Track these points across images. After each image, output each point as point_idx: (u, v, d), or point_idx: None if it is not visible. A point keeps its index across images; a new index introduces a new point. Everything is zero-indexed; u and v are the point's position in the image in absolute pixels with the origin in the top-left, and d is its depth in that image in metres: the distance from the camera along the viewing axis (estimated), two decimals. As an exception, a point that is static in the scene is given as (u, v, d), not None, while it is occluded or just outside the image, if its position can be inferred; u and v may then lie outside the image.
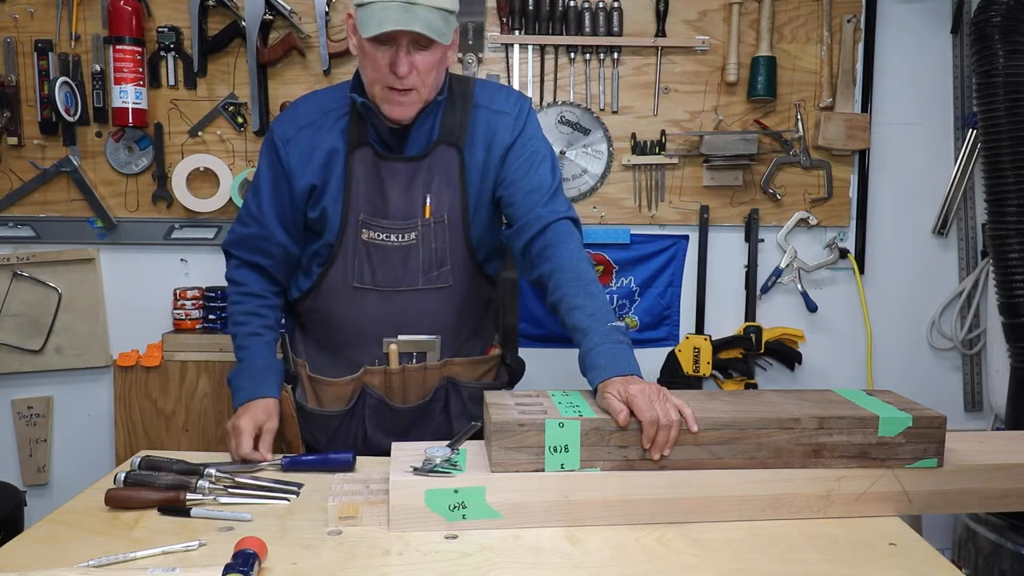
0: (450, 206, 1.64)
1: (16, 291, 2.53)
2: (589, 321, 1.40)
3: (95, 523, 1.25)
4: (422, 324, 1.67)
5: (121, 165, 2.51)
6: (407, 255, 1.64)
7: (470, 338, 1.76)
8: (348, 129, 1.62)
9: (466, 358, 1.73)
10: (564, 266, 1.50)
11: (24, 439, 2.60)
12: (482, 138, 1.63)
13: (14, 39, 2.43)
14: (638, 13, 2.51)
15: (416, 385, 1.69)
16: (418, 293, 1.65)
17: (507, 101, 1.67)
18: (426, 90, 1.54)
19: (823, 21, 2.54)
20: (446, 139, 1.62)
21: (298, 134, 1.64)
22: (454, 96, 1.64)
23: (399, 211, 1.62)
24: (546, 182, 1.61)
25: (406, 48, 1.48)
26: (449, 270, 1.66)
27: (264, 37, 2.43)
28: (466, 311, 1.72)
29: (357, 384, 1.68)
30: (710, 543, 1.21)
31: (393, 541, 1.20)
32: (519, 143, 1.64)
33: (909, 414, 1.31)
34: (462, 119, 1.63)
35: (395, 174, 1.62)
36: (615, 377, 1.32)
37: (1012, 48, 2.25)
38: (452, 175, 1.63)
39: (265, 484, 1.37)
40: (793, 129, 2.56)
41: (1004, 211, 2.29)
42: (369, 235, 1.63)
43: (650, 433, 1.24)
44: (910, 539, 1.24)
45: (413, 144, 1.62)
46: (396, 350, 1.66)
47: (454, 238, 1.65)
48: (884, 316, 2.69)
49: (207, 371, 2.45)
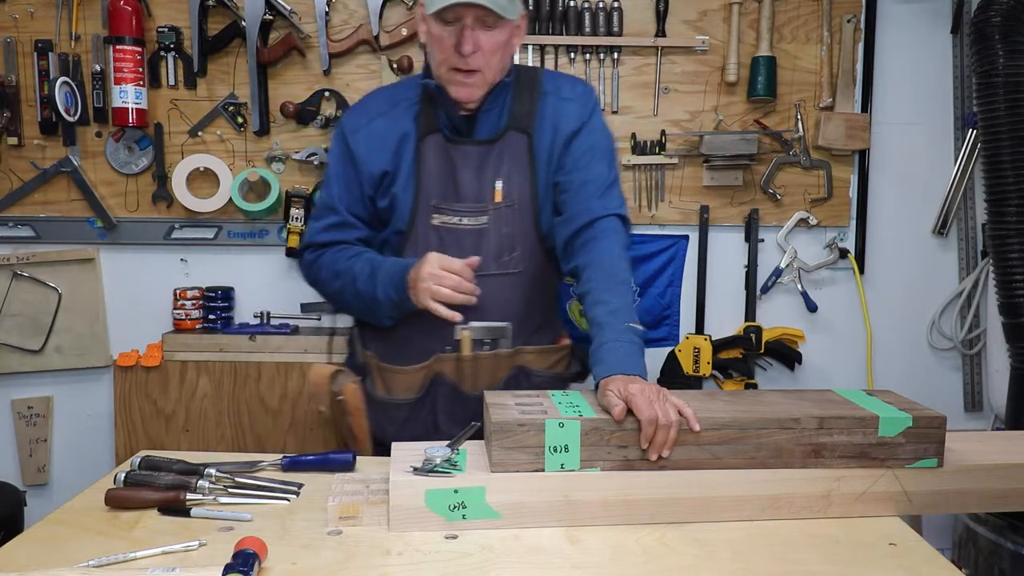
0: (520, 191, 1.64)
1: (16, 291, 2.53)
2: (608, 317, 1.41)
3: (95, 523, 1.25)
4: (493, 311, 1.64)
5: (121, 165, 2.51)
6: (479, 239, 1.64)
7: (540, 327, 1.74)
8: (419, 117, 1.65)
9: (538, 347, 1.71)
10: (600, 261, 1.51)
11: (24, 439, 2.60)
12: (550, 125, 1.65)
13: (14, 39, 2.43)
14: (638, 13, 2.51)
15: (487, 373, 1.67)
16: (489, 279, 1.62)
17: (574, 90, 1.69)
18: (491, 72, 1.56)
19: (823, 21, 2.54)
20: (515, 124, 1.64)
21: (368, 124, 1.66)
22: (522, 83, 1.66)
23: (470, 194, 1.63)
24: (602, 176, 1.62)
25: (471, 27, 1.50)
26: (519, 256, 1.66)
27: (264, 37, 2.43)
28: (535, 299, 1.71)
29: (428, 372, 1.66)
30: (710, 543, 1.21)
31: (393, 541, 1.20)
32: (584, 132, 1.65)
33: (909, 414, 1.31)
34: (531, 105, 1.65)
35: (466, 158, 1.64)
36: (618, 375, 1.32)
37: (1012, 48, 2.25)
38: (522, 160, 1.64)
39: (265, 484, 1.37)
40: (793, 129, 2.56)
41: (1004, 211, 2.29)
42: (441, 219, 1.63)
43: (648, 432, 1.24)
44: (910, 539, 1.24)
45: (482, 129, 1.64)
46: (468, 336, 1.64)
47: (524, 223, 1.65)
48: (884, 316, 2.69)
49: (207, 371, 2.45)
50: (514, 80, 1.66)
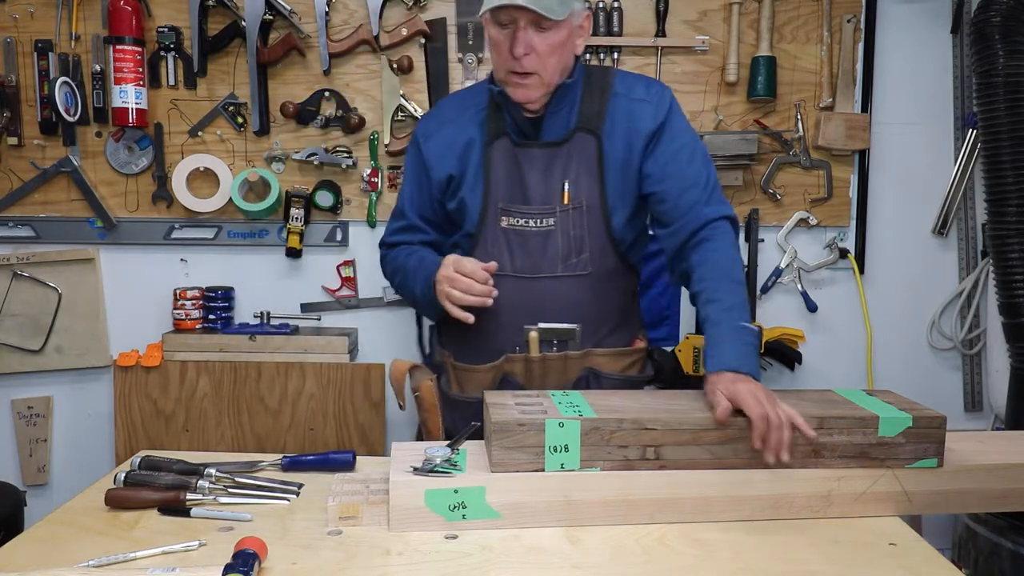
0: (588, 193, 1.64)
1: (16, 291, 2.53)
2: (722, 315, 1.42)
3: (95, 523, 1.25)
4: (562, 312, 1.66)
5: (121, 165, 2.51)
6: (546, 241, 1.64)
7: (615, 329, 1.74)
8: (486, 122, 1.67)
9: (609, 349, 1.71)
10: (712, 260, 1.51)
11: (24, 439, 2.60)
12: (622, 126, 1.63)
13: (14, 39, 2.43)
14: (638, 13, 2.51)
15: (557, 374, 1.68)
16: (556, 280, 1.65)
17: (647, 90, 1.67)
18: (547, 73, 1.56)
19: (823, 21, 2.54)
20: (584, 126, 1.64)
21: (439, 130, 1.71)
22: (592, 84, 1.66)
23: (537, 196, 1.64)
24: (702, 178, 1.61)
25: (524, 29, 1.51)
26: (588, 258, 1.66)
27: (264, 37, 2.43)
28: (608, 301, 1.71)
29: (498, 371, 1.68)
30: (710, 543, 1.21)
31: (393, 541, 1.20)
32: (666, 135, 1.63)
33: (909, 414, 1.31)
34: (600, 107, 1.64)
35: (532, 160, 1.65)
36: (727, 372, 1.31)
37: (1012, 48, 2.25)
38: (590, 162, 1.64)
39: (265, 484, 1.37)
40: (793, 129, 2.56)
41: (1004, 211, 2.29)
42: (509, 221, 1.65)
43: (760, 429, 1.23)
44: (910, 539, 1.24)
45: (549, 131, 1.65)
46: (536, 337, 1.65)
47: (593, 225, 1.65)
48: (884, 316, 2.69)
49: (207, 371, 2.45)
50: (584, 81, 1.66)
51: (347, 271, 2.58)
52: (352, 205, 2.53)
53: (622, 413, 1.28)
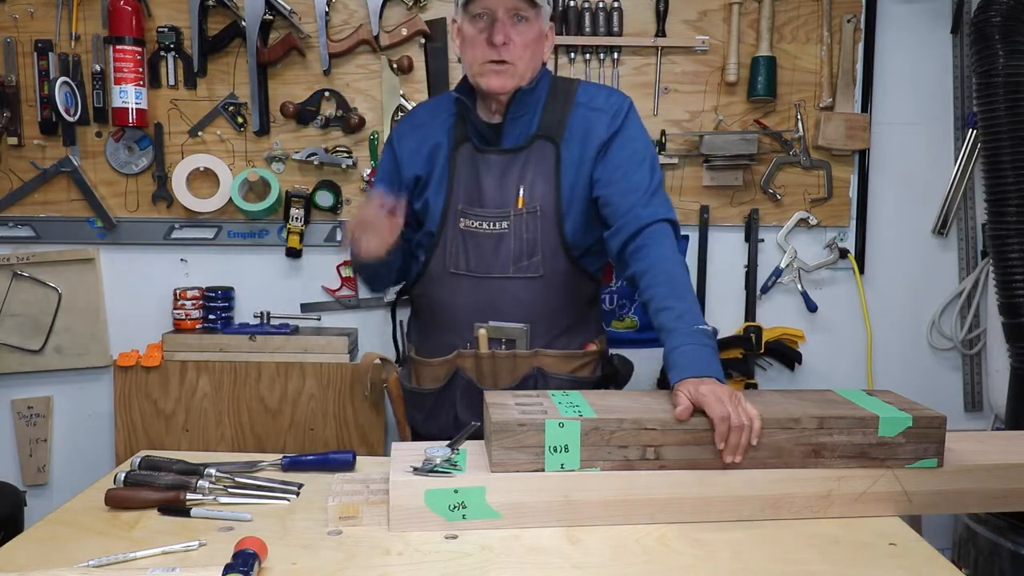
0: (543, 198, 1.69)
1: (16, 291, 2.53)
2: (676, 322, 1.43)
3: (95, 523, 1.25)
4: (512, 312, 1.72)
5: (121, 165, 2.51)
6: (499, 243, 1.70)
7: (566, 331, 1.77)
8: (454, 127, 1.75)
9: (558, 351, 1.75)
10: (656, 267, 1.53)
11: (24, 439, 2.60)
12: (579, 134, 1.69)
13: (14, 39, 2.43)
14: (638, 13, 2.51)
15: (506, 372, 1.73)
16: (508, 281, 1.70)
17: (607, 100, 1.72)
18: (523, 65, 1.63)
19: (823, 21, 2.54)
20: (544, 134, 1.70)
21: (412, 132, 1.80)
22: (557, 95, 1.72)
23: (493, 200, 1.70)
24: (644, 183, 1.64)
25: (502, 21, 1.59)
26: (540, 260, 1.70)
27: (264, 37, 2.43)
28: (560, 304, 1.75)
29: (450, 366, 1.76)
30: (710, 543, 1.21)
31: (393, 541, 1.20)
32: (618, 141, 1.68)
33: (909, 414, 1.31)
34: (562, 116, 1.70)
35: (490, 166, 1.71)
36: (691, 377, 1.33)
37: (1012, 48, 2.25)
38: (547, 168, 1.69)
39: (265, 484, 1.37)
40: (793, 129, 2.56)
41: (1004, 211, 2.29)
42: (466, 223, 1.72)
43: (722, 430, 1.24)
44: (910, 539, 1.24)
45: (509, 138, 1.71)
46: (485, 335, 1.72)
47: (546, 229, 1.69)
48: (884, 316, 2.69)
49: (207, 371, 2.45)
50: (549, 90, 1.72)
51: (347, 271, 2.58)
52: (352, 205, 2.53)
53: (622, 413, 1.28)
